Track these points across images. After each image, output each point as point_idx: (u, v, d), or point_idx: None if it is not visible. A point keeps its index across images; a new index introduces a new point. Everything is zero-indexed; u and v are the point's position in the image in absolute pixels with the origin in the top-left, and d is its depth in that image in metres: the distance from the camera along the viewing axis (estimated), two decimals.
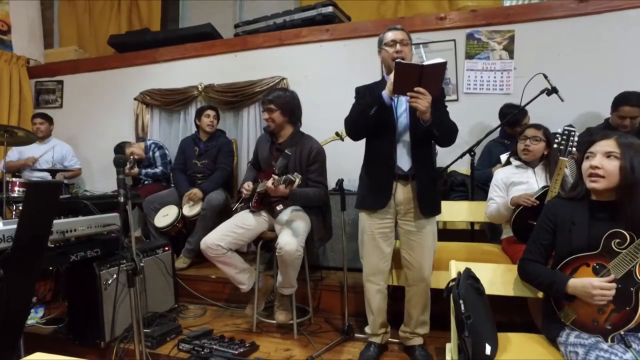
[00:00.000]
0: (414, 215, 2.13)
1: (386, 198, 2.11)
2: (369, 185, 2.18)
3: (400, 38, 2.11)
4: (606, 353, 1.38)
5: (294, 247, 2.31)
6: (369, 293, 2.26)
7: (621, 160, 1.49)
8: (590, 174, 1.53)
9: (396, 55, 2.07)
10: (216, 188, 3.43)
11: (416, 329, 2.25)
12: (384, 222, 2.16)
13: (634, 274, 1.44)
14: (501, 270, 1.83)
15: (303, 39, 3.90)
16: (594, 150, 1.54)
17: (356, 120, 2.11)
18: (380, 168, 2.13)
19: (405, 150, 2.10)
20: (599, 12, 3.18)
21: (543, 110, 2.87)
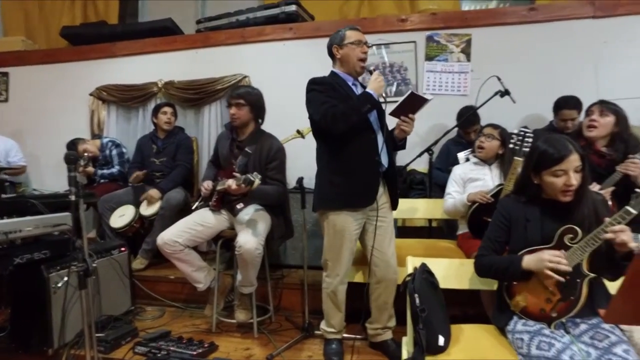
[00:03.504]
0: (386, 210, 2.19)
1: (374, 195, 2.11)
2: (354, 184, 2.08)
3: (365, 40, 2.17)
4: (547, 338, 1.47)
5: (253, 245, 2.28)
6: (342, 295, 2.23)
7: (583, 171, 1.56)
8: (564, 191, 1.56)
9: (363, 56, 2.14)
10: (175, 186, 3.35)
11: (387, 323, 2.28)
12: (360, 221, 2.14)
13: (581, 267, 1.53)
14: (455, 264, 1.89)
15: (266, 37, 3.87)
16: (566, 168, 1.54)
17: (348, 115, 2.00)
18: (365, 165, 2.09)
19: (383, 149, 2.14)
20: (548, 20, 3.35)
21: (496, 111, 2.98)
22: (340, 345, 2.30)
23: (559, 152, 1.55)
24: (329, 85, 2.14)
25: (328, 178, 2.14)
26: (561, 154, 1.54)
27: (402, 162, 3.02)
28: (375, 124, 2.14)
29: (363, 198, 2.10)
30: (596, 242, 1.47)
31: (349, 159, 2.10)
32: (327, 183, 2.14)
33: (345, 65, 2.18)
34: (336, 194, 2.10)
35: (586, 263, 1.53)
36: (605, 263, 1.50)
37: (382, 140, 2.13)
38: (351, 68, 2.16)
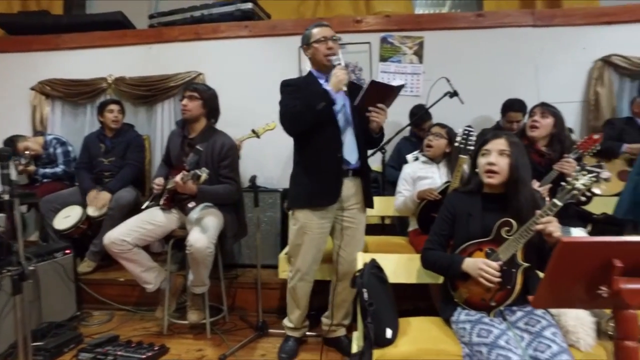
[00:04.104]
0: (357, 210, 2.17)
1: (336, 194, 2.09)
2: (316, 182, 2.10)
3: (331, 34, 2.13)
4: (486, 326, 1.55)
5: (204, 244, 2.25)
6: (301, 291, 2.23)
7: (511, 157, 1.66)
8: (487, 170, 1.68)
9: (329, 52, 2.08)
10: (124, 186, 3.22)
11: (343, 320, 2.31)
12: (327, 220, 2.14)
13: (516, 257, 1.61)
14: (404, 260, 1.95)
15: (221, 34, 3.81)
16: (490, 148, 1.70)
17: (303, 114, 2.03)
18: (327, 163, 2.09)
19: (351, 144, 2.12)
20: (493, 27, 3.52)
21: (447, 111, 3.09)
22: (296, 345, 2.31)
23: (488, 135, 1.73)
24: (296, 86, 2.17)
25: (295, 176, 2.21)
26: (488, 137, 1.72)
27: None
28: (343, 120, 2.11)
29: (324, 197, 2.09)
30: (529, 234, 1.56)
31: (312, 157, 2.12)
32: (294, 181, 2.21)
33: (316, 63, 2.17)
34: (299, 192, 2.15)
35: (521, 253, 1.61)
36: (538, 253, 1.60)
37: (350, 136, 2.11)
38: (321, 66, 2.14)
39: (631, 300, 1.00)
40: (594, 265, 1.04)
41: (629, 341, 1.02)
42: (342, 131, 2.10)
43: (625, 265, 1.01)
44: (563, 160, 2.31)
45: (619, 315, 1.04)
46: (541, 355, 1.42)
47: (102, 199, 3.09)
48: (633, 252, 1.01)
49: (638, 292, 1.00)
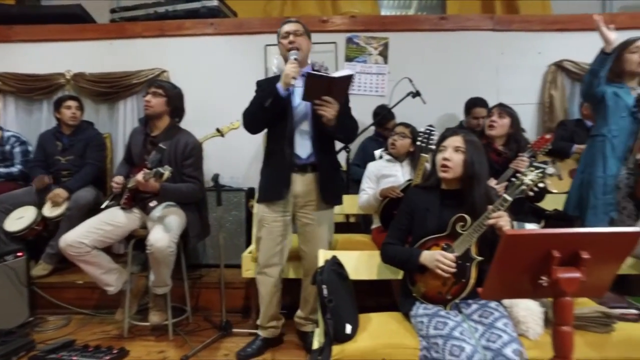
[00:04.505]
0: (314, 207, 2.16)
1: (284, 189, 2.11)
2: (268, 177, 2.18)
3: (294, 29, 2.13)
4: (443, 318, 1.59)
5: (165, 243, 2.21)
6: (261, 285, 2.24)
7: (465, 154, 1.71)
8: (442, 165, 1.74)
9: (290, 46, 2.09)
10: (84, 185, 3.11)
11: (310, 315, 2.32)
12: (281, 213, 2.15)
13: (470, 251, 1.67)
14: (365, 256, 1.98)
15: (186, 31, 3.74)
16: (446, 145, 1.76)
17: (253, 112, 2.10)
18: (278, 159, 2.12)
19: (305, 139, 2.12)
20: (455, 29, 3.62)
21: (412, 111, 3.16)
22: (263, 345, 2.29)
23: (446, 132, 1.80)
24: (262, 85, 2.20)
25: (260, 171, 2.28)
26: (446, 134, 1.78)
27: None
28: (300, 116, 2.11)
29: (273, 191, 2.13)
30: (482, 228, 1.62)
31: (268, 152, 2.22)
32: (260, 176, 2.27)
33: (284, 59, 2.16)
34: (259, 186, 2.24)
35: (475, 247, 1.67)
36: (491, 247, 1.66)
37: (305, 131, 2.11)
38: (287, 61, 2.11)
39: (567, 287, 1.07)
40: (536, 257, 1.10)
41: (565, 326, 1.09)
42: (295, 126, 2.10)
43: (563, 255, 1.07)
44: (518, 158, 2.40)
45: (557, 303, 1.10)
46: (493, 345, 1.48)
47: (59, 194, 2.98)
48: (569, 243, 1.07)
49: (573, 280, 1.07)
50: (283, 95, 2.03)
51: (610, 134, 2.31)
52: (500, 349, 1.45)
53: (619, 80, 2.36)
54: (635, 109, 2.26)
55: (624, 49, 2.30)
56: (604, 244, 1.09)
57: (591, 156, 2.39)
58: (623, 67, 2.34)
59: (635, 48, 2.30)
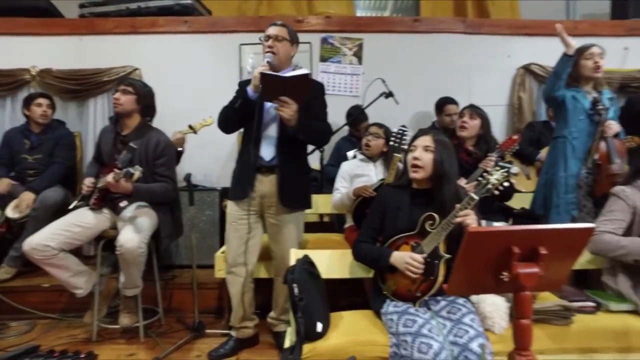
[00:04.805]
0: (277, 207, 2.17)
1: (247, 189, 2.14)
2: (235, 176, 2.26)
3: (275, 34, 2.15)
4: (412, 316, 1.62)
5: (135, 243, 2.17)
6: (231, 285, 2.25)
7: (435, 153, 1.75)
8: (412, 165, 1.77)
9: (268, 50, 2.12)
10: (51, 185, 3.01)
11: (281, 315, 2.32)
12: (247, 212, 2.17)
13: (438, 249, 1.71)
14: (337, 255, 2.00)
15: (159, 28, 3.69)
16: (416, 144, 1.79)
17: (225, 113, 2.16)
18: (245, 159, 2.17)
19: (270, 142, 2.16)
20: (428, 32, 3.70)
21: (386, 111, 3.21)
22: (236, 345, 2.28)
23: (417, 133, 1.84)
24: (241, 86, 2.21)
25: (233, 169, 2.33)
26: (417, 134, 1.83)
27: None
28: (270, 117, 2.14)
29: (239, 190, 2.18)
30: (450, 227, 1.65)
31: (239, 152, 2.28)
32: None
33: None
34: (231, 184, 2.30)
35: (443, 245, 1.71)
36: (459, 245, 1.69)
37: (272, 133, 2.15)
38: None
39: (526, 282, 1.11)
40: (497, 253, 1.14)
41: (525, 319, 1.13)
42: (263, 128, 2.14)
43: (522, 251, 1.12)
44: (487, 158, 2.46)
45: (518, 297, 1.14)
46: (460, 340, 1.51)
47: (25, 199, 2.88)
48: (528, 239, 1.12)
49: (532, 275, 1.11)
50: (252, 98, 2.05)
51: (571, 136, 2.42)
52: (467, 343, 1.49)
53: (576, 84, 2.48)
54: (592, 111, 2.37)
55: (579, 55, 2.42)
56: (560, 240, 1.13)
57: (554, 157, 2.48)
58: (579, 72, 2.45)
59: (589, 55, 2.42)
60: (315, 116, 2.15)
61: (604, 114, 2.34)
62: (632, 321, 1.78)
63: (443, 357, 1.45)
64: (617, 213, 1.92)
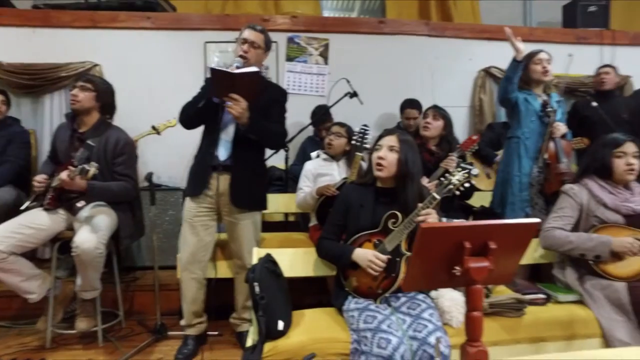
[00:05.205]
0: (232, 206, 2.18)
1: (202, 186, 2.16)
2: (191, 173, 2.27)
3: (252, 40, 2.17)
4: (372, 312, 1.65)
5: (92, 244, 2.10)
6: (183, 282, 2.25)
7: (399, 153, 1.78)
8: (377, 164, 1.80)
9: (241, 54, 2.13)
10: (2, 185, 2.87)
11: (243, 314, 2.31)
12: (203, 210, 2.19)
13: (400, 247, 1.74)
14: (300, 253, 2.01)
15: (120, 23, 3.57)
16: (381, 144, 1.82)
17: (186, 110, 2.18)
18: (202, 157, 2.21)
19: (227, 141, 2.17)
20: (393, 33, 3.76)
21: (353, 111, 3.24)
22: (196, 344, 2.27)
23: (382, 133, 1.87)
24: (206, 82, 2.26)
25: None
26: (382, 134, 1.85)
27: None
28: (229, 117, 2.12)
29: (194, 188, 2.21)
30: (412, 225, 1.69)
31: (197, 150, 2.28)
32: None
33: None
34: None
35: (405, 243, 1.75)
36: None
37: (229, 133, 2.16)
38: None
39: (477, 276, 1.15)
40: (450, 248, 1.17)
41: (476, 312, 1.17)
42: (222, 128, 2.16)
43: (473, 246, 1.16)
44: (448, 158, 2.54)
45: (469, 291, 1.19)
46: (419, 335, 1.55)
47: None
48: (478, 234, 1.16)
49: (482, 269, 1.15)
50: (215, 101, 2.06)
51: (524, 136, 2.53)
52: (425, 337, 1.54)
53: (527, 87, 2.60)
54: (542, 113, 2.49)
55: (529, 59, 2.55)
56: (508, 235, 1.18)
57: (508, 157, 2.59)
58: (530, 76, 2.58)
59: (538, 60, 2.56)
60: (273, 120, 2.19)
61: (553, 115, 2.47)
62: (577, 310, 1.89)
63: (402, 352, 1.49)
64: (566, 210, 2.03)
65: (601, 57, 3.93)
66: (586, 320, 1.84)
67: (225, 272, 2.45)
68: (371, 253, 1.72)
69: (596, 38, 3.96)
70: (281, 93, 2.34)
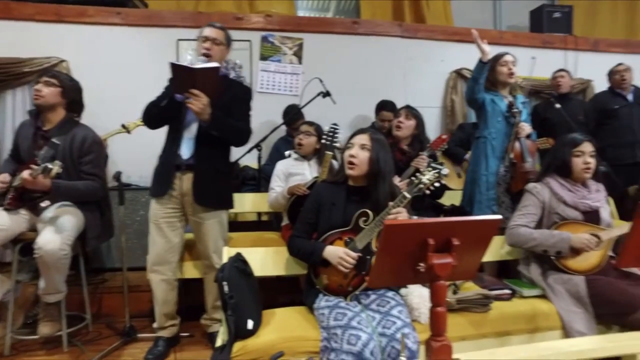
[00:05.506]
0: (195, 206, 2.16)
1: (167, 186, 2.13)
2: (156, 173, 2.23)
3: (214, 37, 2.14)
4: (342, 309, 1.67)
5: (56, 245, 2.03)
6: (153, 284, 2.21)
7: (371, 152, 1.80)
8: (349, 162, 1.81)
9: (204, 52, 2.11)
10: None
11: (214, 314, 2.29)
12: (169, 210, 2.16)
13: (370, 245, 1.76)
14: (270, 253, 2.00)
15: (89, 18, 3.48)
16: (353, 142, 1.83)
17: (150, 109, 2.15)
18: (166, 156, 2.18)
19: (190, 140, 2.15)
20: (367, 34, 3.81)
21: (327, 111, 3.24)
22: (167, 345, 2.24)
23: (355, 131, 1.89)
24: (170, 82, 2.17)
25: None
26: (354, 133, 1.87)
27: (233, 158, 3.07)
28: (192, 116, 2.09)
29: (158, 188, 2.18)
30: (382, 223, 1.69)
31: (162, 150, 2.24)
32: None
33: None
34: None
35: (375, 241, 1.76)
36: None
37: (193, 131, 2.14)
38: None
39: (440, 272, 1.18)
40: (414, 245, 1.19)
41: (440, 307, 1.20)
42: (186, 126, 2.14)
43: (437, 243, 1.18)
44: (418, 157, 2.58)
45: (433, 287, 1.21)
46: (387, 331, 1.58)
47: None
48: (442, 231, 1.19)
49: (446, 265, 1.18)
50: (178, 99, 2.03)
51: (490, 136, 2.61)
52: (394, 334, 1.56)
53: (494, 88, 2.68)
54: (508, 114, 2.57)
55: (495, 61, 2.63)
56: (470, 231, 1.21)
57: (476, 156, 2.66)
58: (496, 77, 2.66)
59: (504, 62, 2.64)
60: (236, 117, 2.18)
61: (518, 116, 2.55)
62: (540, 304, 1.95)
63: (371, 348, 1.51)
64: (530, 208, 2.10)
65: (565, 61, 4.09)
66: (548, 314, 1.91)
67: (193, 272, 2.43)
68: (342, 250, 1.73)
69: (560, 43, 4.12)
70: (245, 91, 2.34)
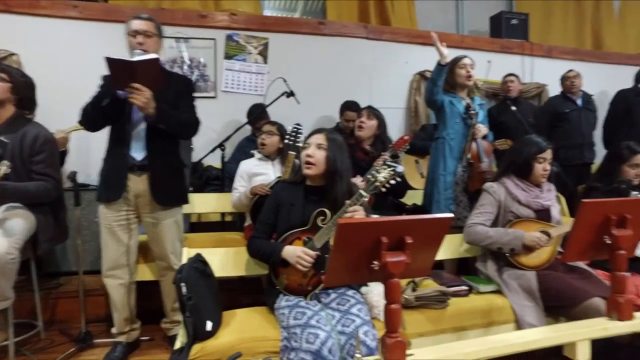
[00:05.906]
0: (152, 206, 2.12)
1: (119, 189, 2.07)
2: (104, 177, 2.16)
3: (144, 29, 2.06)
4: (302, 309, 1.67)
5: (3, 249, 1.93)
6: (110, 289, 2.16)
7: (327, 151, 1.81)
8: (305, 162, 1.81)
9: (138, 47, 2.03)
10: None
11: (173, 317, 2.25)
12: (122, 213, 2.11)
13: (329, 243, 1.76)
14: (231, 253, 1.99)
15: (41, 10, 3.34)
16: (310, 142, 1.85)
17: (89, 110, 2.05)
18: (115, 159, 2.11)
19: (140, 140, 2.09)
20: (333, 35, 3.84)
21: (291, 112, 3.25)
22: (125, 351, 2.18)
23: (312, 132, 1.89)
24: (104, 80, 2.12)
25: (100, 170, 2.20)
26: (311, 133, 1.88)
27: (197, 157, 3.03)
28: (138, 115, 2.06)
29: (109, 192, 2.11)
30: None
31: (107, 152, 2.17)
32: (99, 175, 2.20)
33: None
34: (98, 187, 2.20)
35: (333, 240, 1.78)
36: None
37: (142, 131, 2.09)
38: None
39: (394, 270, 1.20)
40: (368, 243, 1.21)
41: (394, 304, 1.23)
42: (134, 126, 2.09)
43: (390, 241, 1.21)
44: (380, 157, 2.62)
45: (387, 284, 1.23)
46: (347, 329, 1.59)
47: None
48: (395, 229, 1.21)
49: (399, 263, 1.21)
50: (121, 97, 1.97)
51: (449, 137, 2.69)
52: (353, 332, 1.57)
53: (453, 90, 2.76)
54: (465, 115, 2.65)
55: (454, 64, 2.71)
56: (423, 229, 1.25)
57: (435, 157, 2.74)
58: (454, 80, 2.73)
59: (463, 65, 2.72)
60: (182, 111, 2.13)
61: (475, 118, 2.63)
62: (496, 299, 2.03)
63: (329, 345, 1.52)
64: (486, 207, 2.17)
65: (522, 66, 4.26)
66: (502, 308, 1.98)
67: (147, 275, 2.39)
68: (300, 249, 1.74)
69: (518, 48, 4.29)
70: (186, 83, 2.29)
